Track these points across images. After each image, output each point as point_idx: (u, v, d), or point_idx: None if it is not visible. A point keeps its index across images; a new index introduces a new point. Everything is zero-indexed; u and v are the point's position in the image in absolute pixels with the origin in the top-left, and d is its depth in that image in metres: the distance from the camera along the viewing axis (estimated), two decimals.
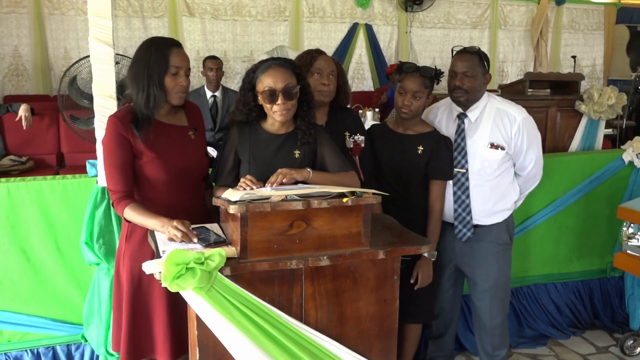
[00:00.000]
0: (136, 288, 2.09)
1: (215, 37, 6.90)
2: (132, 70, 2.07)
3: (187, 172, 2.12)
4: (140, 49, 2.08)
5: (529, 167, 2.53)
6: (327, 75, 2.33)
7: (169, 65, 2.02)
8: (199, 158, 2.18)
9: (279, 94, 1.97)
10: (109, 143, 2.05)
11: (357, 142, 2.40)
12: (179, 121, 2.18)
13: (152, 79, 2.01)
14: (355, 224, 1.84)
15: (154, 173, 2.07)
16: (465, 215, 2.51)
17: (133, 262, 2.07)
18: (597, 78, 8.91)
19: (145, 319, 2.11)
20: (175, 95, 2.08)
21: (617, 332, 3.37)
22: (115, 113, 2.12)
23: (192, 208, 2.16)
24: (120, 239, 2.20)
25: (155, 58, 2.02)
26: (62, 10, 6.29)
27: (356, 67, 7.64)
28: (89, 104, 3.70)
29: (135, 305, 2.10)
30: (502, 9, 8.18)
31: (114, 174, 2.04)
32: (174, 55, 2.04)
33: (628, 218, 2.94)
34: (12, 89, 6.26)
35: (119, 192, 2.04)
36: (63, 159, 5.05)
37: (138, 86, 2.03)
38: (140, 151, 2.05)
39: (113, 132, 2.04)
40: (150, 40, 2.10)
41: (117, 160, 2.04)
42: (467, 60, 2.44)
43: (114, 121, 2.06)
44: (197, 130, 2.21)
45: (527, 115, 2.48)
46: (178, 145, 2.12)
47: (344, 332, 1.91)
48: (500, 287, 2.58)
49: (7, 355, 2.59)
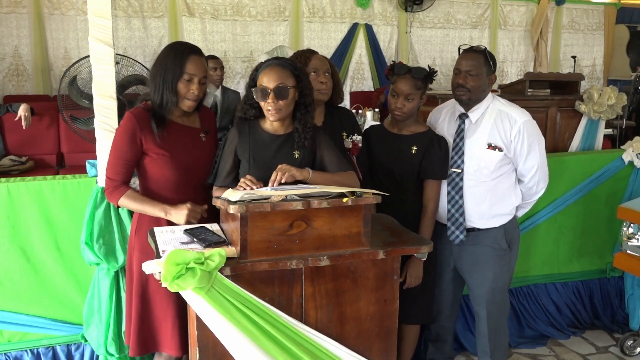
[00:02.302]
0: (145, 281, 2.14)
1: (215, 37, 6.90)
2: (153, 70, 2.15)
3: (194, 172, 2.17)
4: (163, 51, 2.16)
5: (530, 174, 2.48)
6: (323, 74, 2.35)
7: (183, 72, 2.09)
8: (207, 160, 2.21)
9: (270, 92, 1.98)
10: (120, 137, 2.12)
11: (356, 142, 2.41)
12: (192, 123, 2.23)
13: (167, 82, 2.08)
14: (355, 224, 1.84)
15: (163, 170, 2.12)
16: (459, 216, 2.48)
17: (142, 255, 2.13)
18: (597, 78, 8.91)
19: (155, 313, 2.16)
20: (186, 101, 2.13)
21: (617, 332, 3.37)
22: (132, 109, 2.17)
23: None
24: (130, 233, 2.27)
25: (172, 62, 2.09)
26: (62, 10, 6.29)
27: (356, 67, 7.64)
28: (89, 104, 3.70)
29: (144, 298, 2.16)
30: (502, 9, 8.18)
31: (117, 165, 2.11)
32: (190, 62, 2.10)
33: (628, 218, 2.94)
34: (12, 89, 6.26)
35: (116, 181, 2.11)
36: (63, 159, 5.05)
37: (155, 86, 2.11)
38: (151, 148, 2.11)
39: (128, 128, 2.10)
40: (173, 44, 2.19)
41: (123, 154, 2.11)
42: (472, 59, 2.42)
43: (130, 118, 2.11)
44: (209, 134, 2.26)
45: (529, 119, 2.44)
46: (188, 145, 2.17)
47: (344, 332, 1.91)
48: (496, 292, 2.55)
49: (7, 355, 2.59)
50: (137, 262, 2.15)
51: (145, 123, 2.11)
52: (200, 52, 2.17)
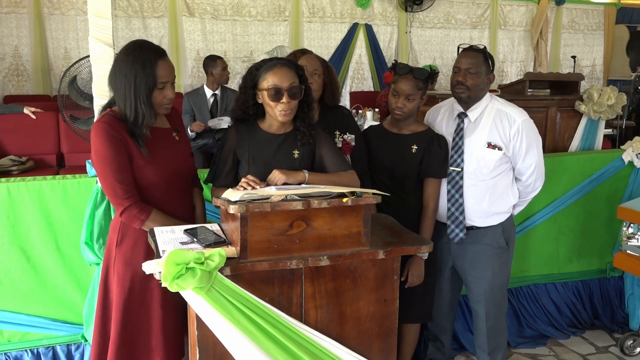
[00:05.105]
0: (128, 296, 2.01)
1: (215, 37, 6.91)
2: (117, 80, 1.95)
3: (176, 174, 2.09)
4: (123, 61, 1.94)
5: (528, 172, 2.50)
6: (311, 74, 2.34)
7: (156, 82, 1.94)
8: (186, 159, 2.16)
9: (284, 92, 1.97)
10: (105, 147, 1.92)
11: (347, 141, 2.40)
12: (162, 124, 2.12)
13: (139, 97, 1.92)
14: (355, 224, 1.84)
15: (146, 177, 2.00)
16: (458, 215, 2.50)
17: (126, 268, 2.01)
18: (597, 78, 8.92)
19: (139, 327, 2.04)
20: (163, 108, 2.03)
21: (617, 332, 3.37)
22: (100, 119, 1.99)
23: (185, 210, 2.16)
24: (108, 244, 2.10)
25: (142, 72, 1.92)
26: (62, 10, 6.30)
27: (356, 67, 7.64)
28: (89, 104, 3.70)
29: (127, 313, 2.01)
30: (502, 9, 8.18)
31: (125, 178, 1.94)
32: (160, 69, 1.95)
33: (628, 218, 2.94)
34: (12, 89, 6.27)
35: (131, 191, 1.95)
36: (63, 159, 5.06)
37: (125, 101, 1.94)
38: (132, 156, 1.97)
39: (106, 135, 1.92)
40: (132, 49, 1.96)
41: (120, 164, 1.94)
42: (472, 58, 2.44)
43: (102, 126, 1.94)
44: (180, 131, 2.17)
45: (527, 118, 2.47)
46: (166, 148, 2.07)
47: (343, 332, 1.91)
48: (495, 290, 2.56)
49: (7, 355, 2.59)
50: (119, 276, 2.01)
51: (122, 131, 1.94)
52: (164, 53, 2.00)
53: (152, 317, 2.05)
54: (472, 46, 2.51)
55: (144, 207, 1.97)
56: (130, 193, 1.95)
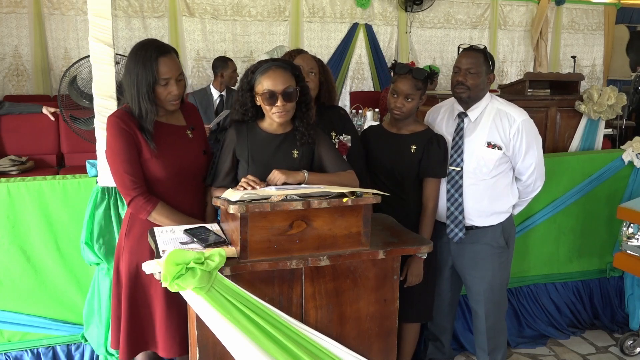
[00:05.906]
0: (134, 283, 2.11)
1: (215, 37, 6.90)
2: (125, 80, 2.06)
3: (185, 171, 2.13)
4: (129, 60, 2.05)
5: (528, 172, 2.51)
6: (307, 73, 2.34)
7: (157, 78, 2.01)
8: (196, 156, 2.18)
9: (278, 96, 1.98)
10: (116, 140, 2.03)
11: (343, 142, 2.40)
12: (177, 121, 2.19)
13: (141, 93, 2.01)
14: (355, 224, 1.84)
15: (153, 172, 2.07)
16: (458, 214, 2.50)
17: (132, 257, 2.10)
18: (597, 78, 8.91)
19: (145, 313, 2.13)
20: (169, 104, 2.09)
21: (617, 332, 3.37)
22: (114, 113, 2.11)
23: (193, 207, 2.17)
24: (120, 235, 2.21)
25: (143, 71, 2.00)
26: (62, 10, 6.29)
27: (356, 67, 7.64)
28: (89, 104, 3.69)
29: (134, 299, 2.12)
30: (502, 9, 8.18)
31: (134, 170, 2.03)
32: (161, 66, 2.02)
33: (628, 218, 2.94)
34: (12, 89, 6.26)
35: (139, 183, 2.03)
36: (63, 159, 5.04)
37: (131, 98, 2.04)
38: (141, 150, 2.06)
39: (118, 129, 2.03)
40: (136, 51, 2.05)
41: (129, 156, 2.02)
42: (472, 57, 2.44)
43: (115, 120, 2.05)
44: (195, 130, 2.22)
45: (527, 118, 2.47)
46: (176, 144, 2.13)
47: (343, 332, 1.91)
48: (495, 290, 2.56)
49: (7, 355, 2.59)
50: (126, 264, 2.12)
51: (132, 126, 2.04)
52: (168, 51, 2.07)
53: (156, 306, 2.12)
54: (473, 46, 2.51)
55: (151, 198, 2.05)
56: (137, 184, 2.04)
